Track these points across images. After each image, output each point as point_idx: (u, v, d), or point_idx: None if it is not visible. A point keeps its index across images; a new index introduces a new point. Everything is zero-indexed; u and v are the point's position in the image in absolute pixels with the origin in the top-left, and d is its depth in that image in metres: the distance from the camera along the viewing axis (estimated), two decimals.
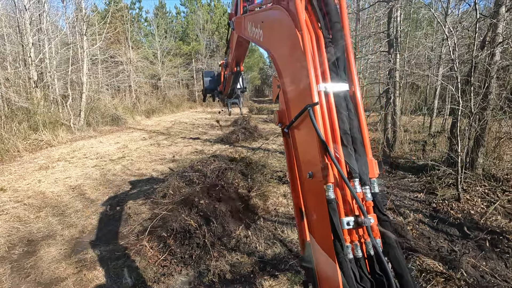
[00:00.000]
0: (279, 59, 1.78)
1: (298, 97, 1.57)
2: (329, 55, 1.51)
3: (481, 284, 3.51)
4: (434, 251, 4.26)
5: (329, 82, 1.47)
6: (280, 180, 7.98)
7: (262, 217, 5.75)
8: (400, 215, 5.60)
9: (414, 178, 7.78)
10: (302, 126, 1.55)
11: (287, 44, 1.65)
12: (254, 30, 2.24)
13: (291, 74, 1.65)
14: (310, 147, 1.48)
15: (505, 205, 5.87)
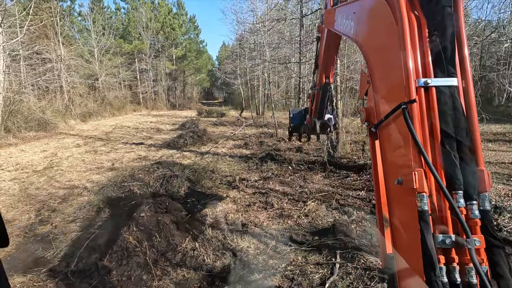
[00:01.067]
0: (372, 52, 1.64)
1: (392, 93, 1.43)
2: (433, 45, 1.33)
3: None
4: (376, 247, 4.48)
5: (432, 77, 1.31)
6: (230, 185, 7.77)
7: (211, 226, 5.46)
8: (345, 214, 5.83)
9: (356, 177, 8.27)
10: (393, 126, 1.41)
11: (382, 34, 1.52)
12: (345, 22, 2.10)
13: (384, 68, 1.51)
14: (401, 150, 1.34)
15: None
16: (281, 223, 5.51)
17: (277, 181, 8.09)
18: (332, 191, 7.30)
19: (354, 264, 3.91)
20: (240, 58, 28.10)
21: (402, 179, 1.31)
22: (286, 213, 5.91)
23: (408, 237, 1.31)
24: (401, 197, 1.36)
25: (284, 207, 6.21)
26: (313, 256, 4.30)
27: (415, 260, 1.21)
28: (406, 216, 1.30)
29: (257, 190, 7.36)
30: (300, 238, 4.89)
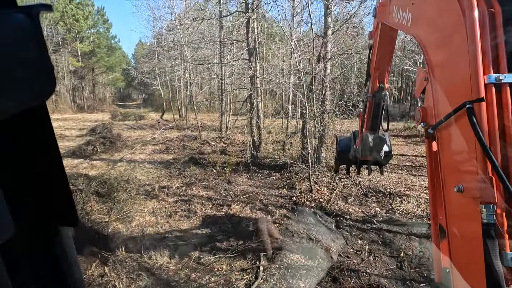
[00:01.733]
0: (431, 45, 1.48)
1: (455, 91, 1.28)
2: (509, 36, 1.15)
3: (332, 271, 4.04)
4: (297, 244, 4.67)
5: (506, 72, 1.14)
6: (148, 195, 7.09)
7: (125, 245, 4.82)
8: (268, 214, 5.94)
9: (278, 176, 8.60)
10: (455, 128, 1.26)
11: (443, 25, 1.37)
12: (401, 14, 1.96)
13: (446, 63, 1.36)
14: (464, 155, 1.21)
15: (342, 190, 7.26)
16: (205, 231, 5.26)
17: (201, 186, 7.77)
18: (256, 191, 7.40)
19: (277, 265, 3.97)
20: (158, 57, 26.44)
21: (464, 186, 1.19)
22: (210, 220, 5.68)
23: (468, 253, 1.19)
24: (461, 207, 1.24)
25: (208, 213, 5.97)
26: (238, 262, 4.20)
27: (477, 279, 1.09)
28: (467, 228, 1.19)
29: (179, 198, 6.91)
30: (224, 244, 4.74)
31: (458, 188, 1.20)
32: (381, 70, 3.09)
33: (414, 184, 7.61)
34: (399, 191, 7.09)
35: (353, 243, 4.93)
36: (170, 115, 25.73)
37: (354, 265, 4.23)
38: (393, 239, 4.97)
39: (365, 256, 4.49)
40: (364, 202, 6.68)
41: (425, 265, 4.23)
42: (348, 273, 3.99)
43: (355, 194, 7.09)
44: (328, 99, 8.03)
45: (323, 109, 7.80)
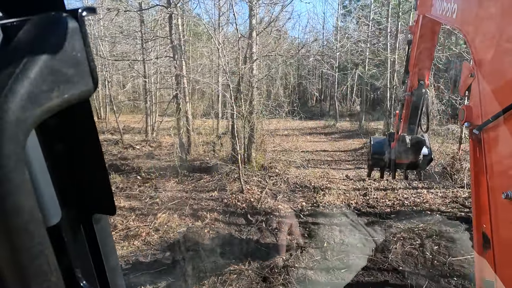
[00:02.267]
0: (478, 39, 1.38)
1: (504, 89, 1.18)
2: None
3: (262, 271, 4.07)
4: (228, 248, 4.57)
5: None
6: None
7: None
8: (199, 219, 5.70)
9: (209, 178, 8.37)
10: (504, 129, 1.17)
11: (493, 16, 1.25)
12: (445, 5, 1.85)
13: (495, 58, 1.23)
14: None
15: (271, 188, 7.48)
16: (126, 247, 4.72)
17: (122, 196, 7.00)
18: (186, 196, 7.04)
19: (206, 274, 3.79)
20: None
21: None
22: (132, 233, 5.13)
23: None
24: (510, 215, 1.15)
25: (130, 226, 5.39)
26: (164, 282, 3.87)
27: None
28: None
29: None
30: (149, 259, 4.33)
31: (506, 195, 1.12)
32: (421, 66, 2.94)
33: (334, 177, 8.34)
34: (322, 184, 7.66)
35: (282, 239, 5.09)
36: None
37: (283, 261, 4.35)
38: (317, 230, 5.31)
39: (293, 251, 4.67)
40: (292, 198, 7.00)
41: (345, 252, 4.62)
42: (278, 270, 4.07)
43: (284, 191, 7.38)
44: (256, 100, 8.17)
45: (250, 109, 7.89)
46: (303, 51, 12.42)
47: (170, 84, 13.11)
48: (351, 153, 11.52)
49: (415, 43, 2.93)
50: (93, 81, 0.34)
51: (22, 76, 0.28)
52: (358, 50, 16.06)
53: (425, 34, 2.78)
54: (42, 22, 0.31)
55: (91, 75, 0.34)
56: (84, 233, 0.43)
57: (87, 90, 0.33)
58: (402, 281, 3.87)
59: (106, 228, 0.45)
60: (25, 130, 0.27)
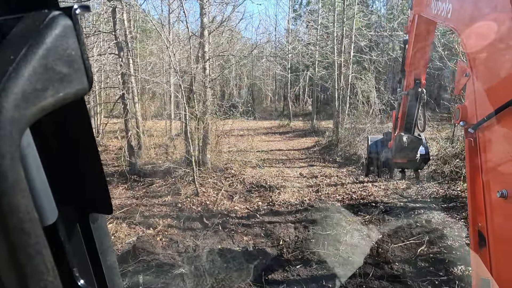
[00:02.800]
0: (473, 38, 1.41)
1: (499, 88, 1.20)
2: None
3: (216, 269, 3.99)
4: (182, 254, 4.39)
5: None
6: None
7: None
8: (150, 227, 5.38)
9: (162, 182, 7.98)
10: (499, 128, 1.19)
11: (488, 17, 1.29)
12: (440, 5, 1.87)
13: (490, 58, 1.27)
14: (508, 157, 1.15)
15: (227, 189, 7.40)
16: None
17: None
18: (136, 203, 6.61)
19: (159, 285, 3.57)
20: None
21: (508, 191, 1.10)
22: None
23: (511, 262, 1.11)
24: (504, 213, 1.15)
25: None
26: None
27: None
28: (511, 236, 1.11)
29: None
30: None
31: (501, 193, 1.13)
32: (417, 65, 2.95)
33: (288, 176, 8.57)
34: (277, 183, 7.81)
35: (239, 241, 5.05)
36: None
37: (240, 262, 4.31)
38: (273, 229, 5.38)
39: (250, 251, 4.66)
40: (248, 198, 7.00)
41: (299, 248, 4.76)
42: (235, 272, 4.02)
43: (240, 191, 7.35)
44: (209, 100, 8.01)
45: (204, 110, 7.71)
46: (256, 52, 12.54)
47: (116, 84, 12.22)
48: (305, 151, 11.97)
49: (411, 43, 2.96)
50: (88, 80, 0.34)
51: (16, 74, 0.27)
52: (308, 52, 16.77)
53: (420, 34, 2.81)
54: (35, 20, 0.31)
55: (85, 73, 0.33)
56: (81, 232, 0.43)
57: (82, 89, 0.33)
58: (351, 271, 4.11)
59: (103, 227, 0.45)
60: (19, 129, 0.27)
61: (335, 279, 3.89)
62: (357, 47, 13.26)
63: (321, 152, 11.49)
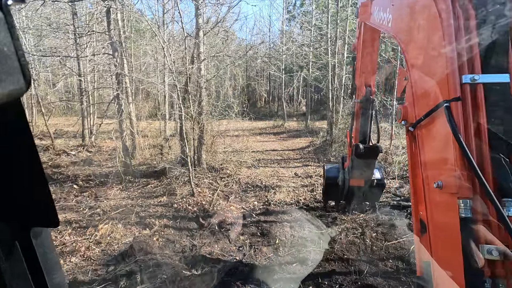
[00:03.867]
0: (410, 46, 1.54)
1: (432, 90, 1.32)
2: (482, 38, 1.22)
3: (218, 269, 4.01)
4: (180, 254, 4.39)
5: (480, 73, 1.21)
6: None
7: None
8: (146, 227, 5.37)
9: (157, 183, 7.96)
10: (434, 126, 1.31)
11: (422, 27, 1.43)
12: (382, 15, 1.99)
13: (425, 64, 1.40)
14: (442, 152, 1.26)
15: (223, 189, 7.42)
16: (62, 265, 4.21)
17: (57, 207, 6.23)
18: (131, 204, 6.58)
19: (156, 285, 3.58)
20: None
21: (443, 182, 1.22)
22: (69, 249, 4.60)
23: (448, 246, 1.22)
24: (441, 202, 1.27)
25: (65, 242, 4.82)
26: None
27: (456, 270, 1.13)
28: (446, 222, 1.21)
29: None
30: (89, 276, 3.92)
31: (437, 184, 1.25)
32: (366, 72, 3.07)
33: (284, 175, 8.63)
34: (272, 183, 7.87)
35: (235, 240, 5.08)
36: None
37: (237, 261, 4.34)
38: (269, 228, 5.43)
39: (247, 251, 4.70)
40: (244, 198, 7.04)
41: (295, 247, 4.81)
42: (232, 271, 4.05)
43: (236, 191, 7.38)
44: (204, 100, 8.02)
45: (199, 110, 7.72)
46: (251, 53, 12.58)
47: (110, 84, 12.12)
48: (299, 151, 12.05)
49: (359, 49, 3.06)
50: (24, 79, 0.30)
51: None
52: (302, 53, 16.89)
53: (366, 40, 2.96)
54: None
55: (21, 72, 0.29)
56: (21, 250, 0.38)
57: (17, 89, 0.29)
58: (347, 268, 4.18)
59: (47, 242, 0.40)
60: None
61: (331, 276, 3.96)
62: (350, 48, 13.40)
63: (316, 152, 11.58)
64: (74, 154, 11.60)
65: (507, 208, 1.10)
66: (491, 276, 1.10)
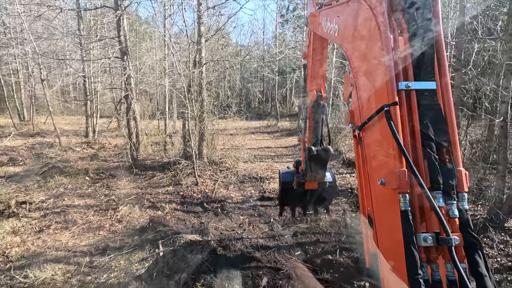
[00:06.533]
0: (354, 55, 1.62)
1: (374, 96, 1.42)
2: (414, 49, 1.37)
3: (222, 241, 4.88)
4: (191, 228, 5.25)
5: (413, 80, 1.36)
6: (1, 214, 5.84)
7: None
8: (159, 209, 6.19)
9: (162, 175, 8.76)
10: (376, 128, 1.42)
11: (364, 38, 1.52)
12: (329, 25, 2.04)
13: (367, 71, 1.50)
14: (384, 152, 1.35)
15: (223, 180, 8.28)
16: (92, 237, 5.02)
17: (74, 195, 7.01)
18: (142, 192, 7.39)
19: (175, 246, 4.44)
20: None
21: (385, 179, 1.32)
22: (95, 225, 5.41)
23: (391, 236, 1.32)
24: (384, 197, 1.37)
25: (91, 220, 5.62)
26: (137, 255, 4.40)
27: (398, 259, 1.23)
28: (389, 215, 1.32)
29: (48, 211, 6.06)
30: (118, 243, 4.75)
31: (381, 182, 1.35)
32: (317, 78, 3.16)
33: (277, 168, 9.53)
34: (267, 175, 8.76)
35: (236, 219, 5.95)
36: (4, 119, 20.20)
37: (239, 235, 5.22)
38: (265, 210, 6.32)
39: (246, 227, 5.58)
40: (241, 187, 7.91)
41: (287, 224, 5.70)
42: (235, 241, 4.92)
43: (234, 182, 8.25)
44: (206, 100, 8.87)
45: (202, 110, 8.57)
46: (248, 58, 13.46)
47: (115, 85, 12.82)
48: (291, 149, 12.98)
49: (309, 56, 3.19)
50: None
51: None
52: (295, 56, 17.82)
53: (316, 48, 3.08)
54: None
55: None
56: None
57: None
58: (329, 238, 5.09)
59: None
60: None
61: (316, 244, 4.86)
62: (339, 53, 14.41)
63: None
64: (79, 151, 12.28)
65: (438, 200, 1.22)
66: (427, 261, 1.21)
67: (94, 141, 13.65)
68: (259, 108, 28.57)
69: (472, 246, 1.21)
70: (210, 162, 9.30)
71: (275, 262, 4.31)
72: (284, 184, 3.80)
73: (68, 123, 18.87)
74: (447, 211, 1.24)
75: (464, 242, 1.21)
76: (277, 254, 4.54)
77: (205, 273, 3.83)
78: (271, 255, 4.49)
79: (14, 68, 20.62)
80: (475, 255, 1.20)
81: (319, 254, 4.55)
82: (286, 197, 3.96)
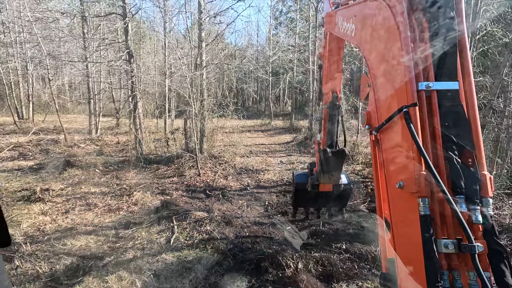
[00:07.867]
0: (372, 55, 1.60)
1: (392, 97, 1.40)
2: (435, 49, 1.33)
3: (225, 218, 5.78)
4: (198, 209, 6.14)
5: (434, 80, 1.33)
6: (29, 199, 6.62)
7: (27, 242, 4.85)
8: (167, 195, 7.06)
9: (166, 168, 9.60)
10: (394, 130, 1.39)
11: (382, 38, 1.49)
12: (346, 25, 2.02)
13: (385, 72, 1.47)
14: (402, 154, 1.31)
15: (222, 172, 9.17)
16: (113, 216, 5.86)
17: (90, 184, 7.81)
18: (150, 182, 8.23)
19: (187, 221, 5.33)
20: None
21: (404, 183, 1.28)
22: (115, 207, 6.25)
23: (409, 242, 1.28)
24: (402, 201, 1.33)
25: (110, 203, 6.46)
26: (154, 228, 5.27)
27: (417, 265, 1.19)
28: (408, 220, 1.27)
29: (69, 197, 6.86)
30: (137, 220, 5.61)
31: (399, 185, 1.29)
32: (332, 79, 3.11)
33: (271, 163, 10.48)
34: (262, 167, 9.69)
35: (235, 203, 6.86)
36: (2, 117, 20.67)
37: (239, 214, 6.13)
38: (260, 196, 7.24)
39: (245, 209, 6.49)
40: (239, 178, 8.82)
41: (280, 206, 6.63)
42: (236, 219, 5.83)
43: (232, 173, 9.15)
44: (206, 100, 9.75)
45: (203, 108, 9.45)
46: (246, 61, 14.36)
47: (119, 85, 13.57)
48: (284, 145, 13.95)
49: (325, 57, 3.16)
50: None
51: None
52: (288, 58, 18.79)
53: (332, 49, 3.05)
54: None
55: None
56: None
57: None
58: (318, 218, 6.04)
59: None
60: None
61: (304, 221, 5.80)
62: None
63: (298, 145, 13.52)
64: (83, 147, 13.00)
65: (460, 204, 1.17)
66: (448, 269, 1.16)
67: (97, 138, 14.37)
68: (254, 107, 29.48)
69: (497, 254, 1.16)
70: (210, 156, 10.18)
71: (270, 234, 5.25)
72: (298, 185, 3.73)
73: (66, 121, 19.43)
74: (470, 216, 1.19)
75: (488, 249, 1.17)
76: (271, 228, 5.48)
77: (214, 239, 4.76)
78: (266, 229, 5.43)
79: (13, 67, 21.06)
80: (501, 264, 1.15)
81: (306, 227, 5.49)
82: (299, 199, 3.90)
